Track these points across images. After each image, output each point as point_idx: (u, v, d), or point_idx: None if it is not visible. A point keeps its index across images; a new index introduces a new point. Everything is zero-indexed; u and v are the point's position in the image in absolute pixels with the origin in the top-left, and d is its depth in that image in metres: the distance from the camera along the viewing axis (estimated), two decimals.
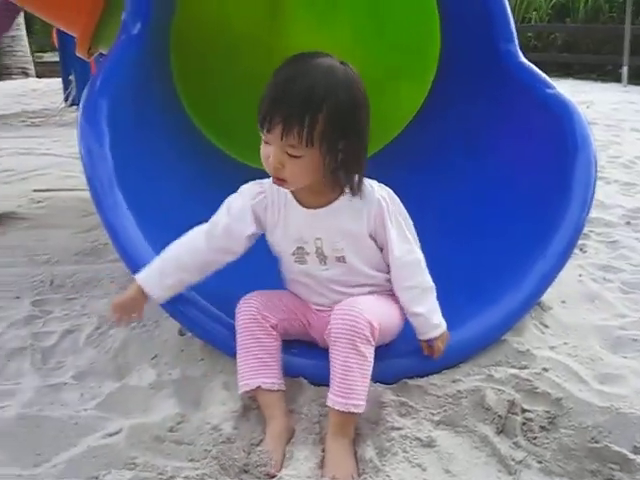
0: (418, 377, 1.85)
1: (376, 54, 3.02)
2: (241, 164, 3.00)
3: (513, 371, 1.88)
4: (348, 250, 1.77)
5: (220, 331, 1.87)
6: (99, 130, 2.01)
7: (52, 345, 2.17)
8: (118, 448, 1.61)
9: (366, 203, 1.73)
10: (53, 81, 10.81)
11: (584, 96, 8.03)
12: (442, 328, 1.81)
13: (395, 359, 1.86)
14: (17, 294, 2.58)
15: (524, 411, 1.71)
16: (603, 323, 2.26)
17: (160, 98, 2.75)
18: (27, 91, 10.74)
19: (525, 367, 1.92)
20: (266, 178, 1.75)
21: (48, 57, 14.54)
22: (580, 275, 2.67)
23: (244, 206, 1.80)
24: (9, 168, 4.97)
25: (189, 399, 1.83)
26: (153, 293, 1.79)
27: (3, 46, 12.95)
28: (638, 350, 2.09)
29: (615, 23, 11.77)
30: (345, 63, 1.66)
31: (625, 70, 10.34)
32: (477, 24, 2.58)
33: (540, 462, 1.57)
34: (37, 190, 4.36)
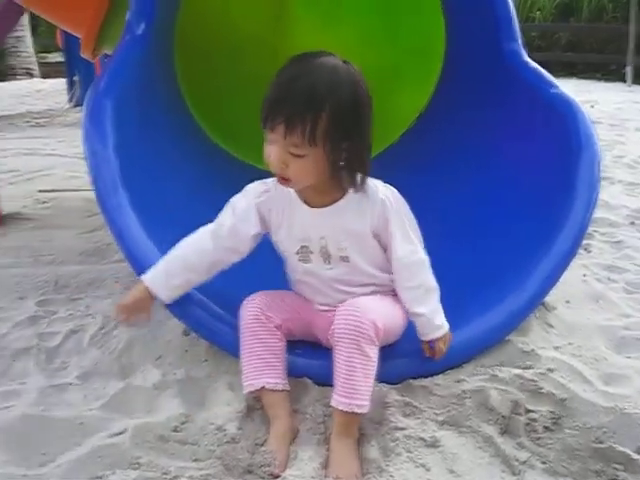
0: (422, 377, 1.85)
1: (380, 54, 3.02)
2: (246, 165, 3.01)
3: (517, 371, 1.88)
4: (352, 249, 1.77)
5: (225, 331, 1.87)
6: (104, 131, 2.02)
7: (57, 345, 2.17)
8: (123, 448, 1.61)
9: (370, 203, 1.73)
10: (57, 82, 10.82)
11: (588, 96, 8.02)
12: (444, 329, 1.81)
13: (399, 359, 1.86)
14: (22, 294, 2.59)
15: (528, 411, 1.71)
16: (607, 323, 2.26)
17: (165, 99, 2.76)
18: (31, 92, 10.75)
19: (529, 367, 1.92)
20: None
21: (52, 57, 14.55)
22: (584, 275, 2.67)
23: (249, 206, 1.80)
24: (14, 169, 4.97)
25: (193, 399, 1.83)
26: (160, 294, 1.79)
27: (7, 47, 12.96)
28: None
29: (619, 23, 11.74)
30: (348, 62, 1.66)
31: (629, 70, 10.34)
32: (481, 24, 2.57)
33: (544, 462, 1.57)
34: (42, 191, 4.37)
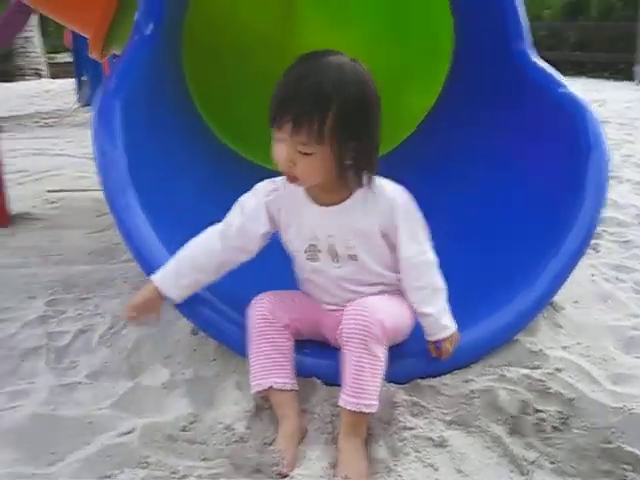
0: (430, 377, 1.85)
1: (388, 55, 3.02)
2: (254, 165, 3.01)
3: (525, 371, 1.88)
4: (360, 248, 1.76)
5: (233, 331, 1.87)
6: (113, 131, 2.02)
7: (66, 345, 2.19)
8: (131, 447, 1.62)
9: (379, 202, 1.73)
10: (66, 82, 10.88)
11: (596, 95, 8.00)
12: (451, 330, 1.80)
13: (407, 359, 1.86)
14: (31, 294, 2.60)
15: (536, 411, 1.71)
16: (616, 323, 2.25)
17: (173, 99, 2.77)
18: (40, 92, 10.81)
19: (538, 367, 1.92)
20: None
21: (61, 58, 14.61)
22: (593, 275, 2.66)
23: (258, 205, 1.81)
24: (23, 169, 5.00)
25: (202, 399, 1.84)
26: (169, 293, 1.80)
27: (16, 47, 13.03)
28: None
29: (628, 21, 11.69)
30: (356, 61, 1.66)
31: (638, 69, 10.28)
32: (490, 24, 2.57)
33: (553, 462, 1.57)
34: (51, 191, 4.39)
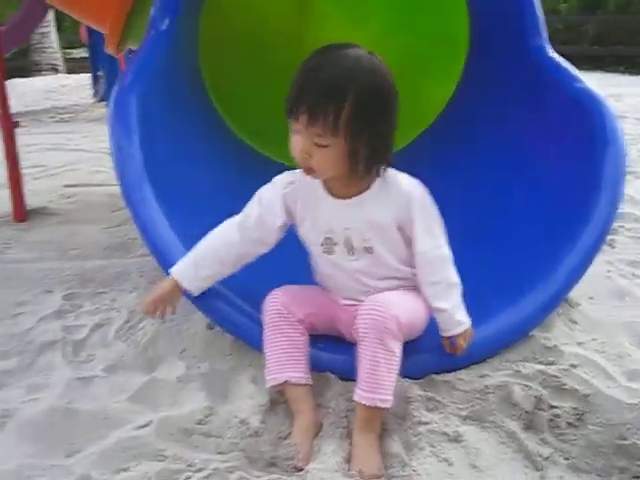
0: (445, 372, 1.85)
1: (404, 50, 3.00)
2: (270, 160, 3.01)
3: (540, 367, 1.87)
4: (375, 241, 1.76)
5: (248, 325, 1.89)
6: (129, 127, 2.04)
7: (82, 339, 2.20)
8: (147, 440, 1.63)
9: (395, 195, 1.73)
10: (82, 77, 10.91)
11: (613, 89, 7.93)
12: (465, 325, 1.80)
13: (422, 354, 1.86)
14: (48, 288, 2.62)
15: (551, 407, 1.70)
16: (631, 319, 2.24)
17: (189, 93, 2.77)
18: (56, 87, 10.84)
19: (553, 363, 1.91)
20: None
21: (77, 53, 14.67)
22: (609, 271, 2.65)
23: (275, 196, 1.81)
24: (39, 164, 5.02)
25: (217, 392, 1.84)
26: (188, 286, 1.82)
27: (32, 43, 13.08)
28: None
29: None
30: (373, 54, 1.66)
31: None
32: (506, 19, 2.55)
33: (567, 459, 1.57)
34: (67, 185, 4.41)
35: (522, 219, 2.36)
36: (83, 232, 3.37)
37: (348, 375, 1.74)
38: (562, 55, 2.46)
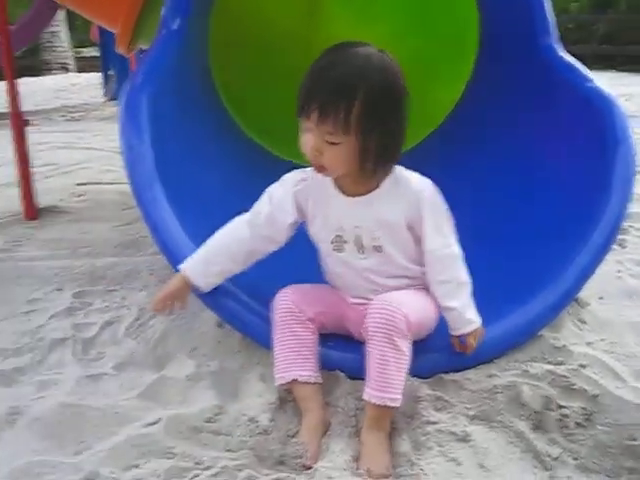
0: (454, 372, 1.85)
1: (414, 50, 3.00)
2: (280, 159, 3.01)
3: (549, 367, 1.87)
4: (384, 239, 1.76)
5: (258, 323, 1.89)
6: (140, 126, 2.04)
7: (93, 336, 2.22)
8: (157, 438, 1.64)
9: (405, 194, 1.73)
10: (93, 76, 10.97)
11: (623, 89, 7.90)
12: (475, 324, 1.80)
13: (431, 354, 1.86)
14: (59, 286, 2.64)
15: (560, 407, 1.70)
16: None
17: (200, 93, 2.78)
18: (67, 86, 10.91)
19: (561, 363, 1.91)
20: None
21: (88, 52, 14.73)
22: (619, 271, 2.64)
23: (286, 194, 1.82)
24: (50, 162, 5.05)
25: (226, 391, 1.85)
26: (199, 282, 1.82)
27: (43, 42, 13.16)
28: None
29: None
30: (384, 51, 1.66)
31: None
32: (516, 19, 2.55)
33: (576, 459, 1.56)
34: (78, 184, 4.44)
35: (532, 219, 2.35)
36: (94, 230, 3.39)
37: (357, 374, 1.74)
38: (573, 54, 2.46)
